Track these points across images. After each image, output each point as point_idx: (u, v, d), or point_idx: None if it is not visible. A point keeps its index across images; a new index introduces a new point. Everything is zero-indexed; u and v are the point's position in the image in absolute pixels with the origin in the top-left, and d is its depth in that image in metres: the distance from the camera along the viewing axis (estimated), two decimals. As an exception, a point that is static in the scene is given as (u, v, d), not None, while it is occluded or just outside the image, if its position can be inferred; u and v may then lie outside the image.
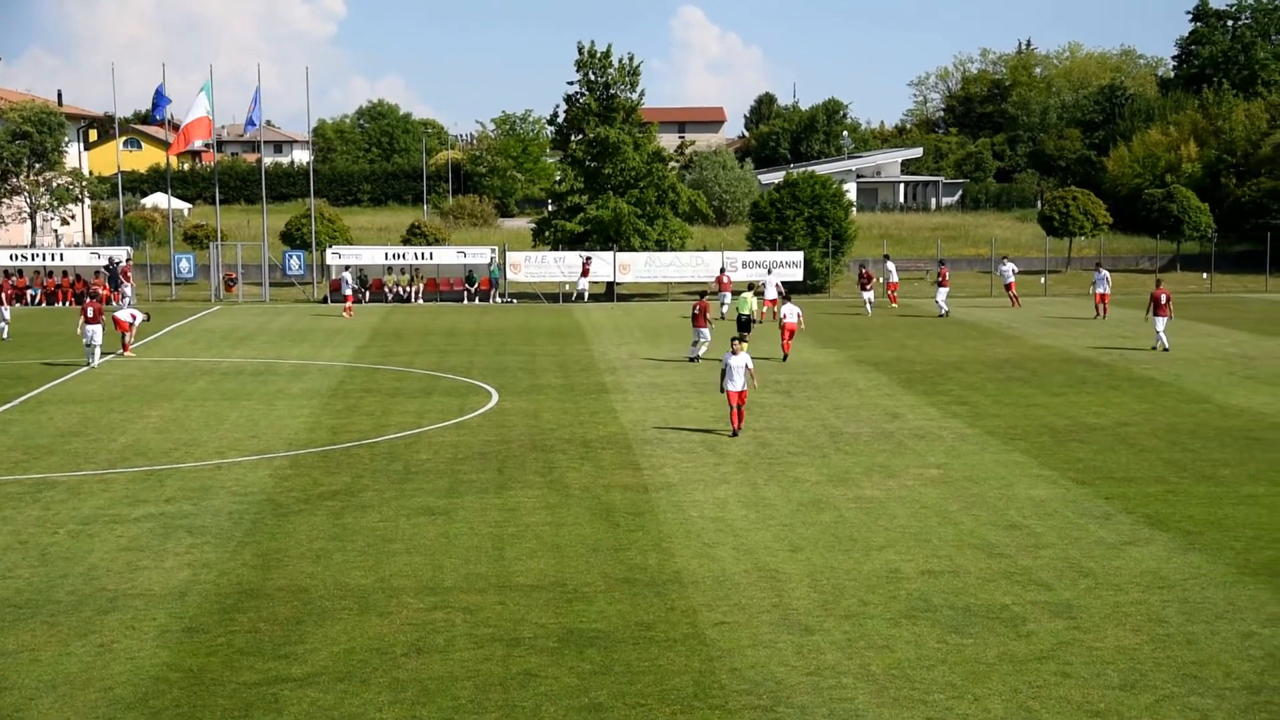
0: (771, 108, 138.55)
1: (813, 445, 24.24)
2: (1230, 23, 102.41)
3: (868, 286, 51.06)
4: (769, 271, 55.88)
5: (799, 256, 60.16)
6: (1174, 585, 15.40)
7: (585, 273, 59.05)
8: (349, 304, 51.89)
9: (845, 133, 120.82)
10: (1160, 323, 38.04)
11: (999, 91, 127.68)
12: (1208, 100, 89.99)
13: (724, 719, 11.63)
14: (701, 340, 36.41)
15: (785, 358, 36.65)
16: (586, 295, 58.84)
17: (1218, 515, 18.70)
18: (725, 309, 48.75)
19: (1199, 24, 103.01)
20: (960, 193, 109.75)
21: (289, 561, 16.64)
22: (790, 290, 47.99)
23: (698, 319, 36.58)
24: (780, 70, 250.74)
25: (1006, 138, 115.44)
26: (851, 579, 15.76)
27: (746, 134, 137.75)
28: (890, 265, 56.07)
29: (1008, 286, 53.17)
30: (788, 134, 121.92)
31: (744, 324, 39.88)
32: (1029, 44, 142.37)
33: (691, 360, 36.05)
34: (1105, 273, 48.56)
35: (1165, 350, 37.35)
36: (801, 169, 69.21)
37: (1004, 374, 33.62)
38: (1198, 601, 14.78)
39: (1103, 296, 48.05)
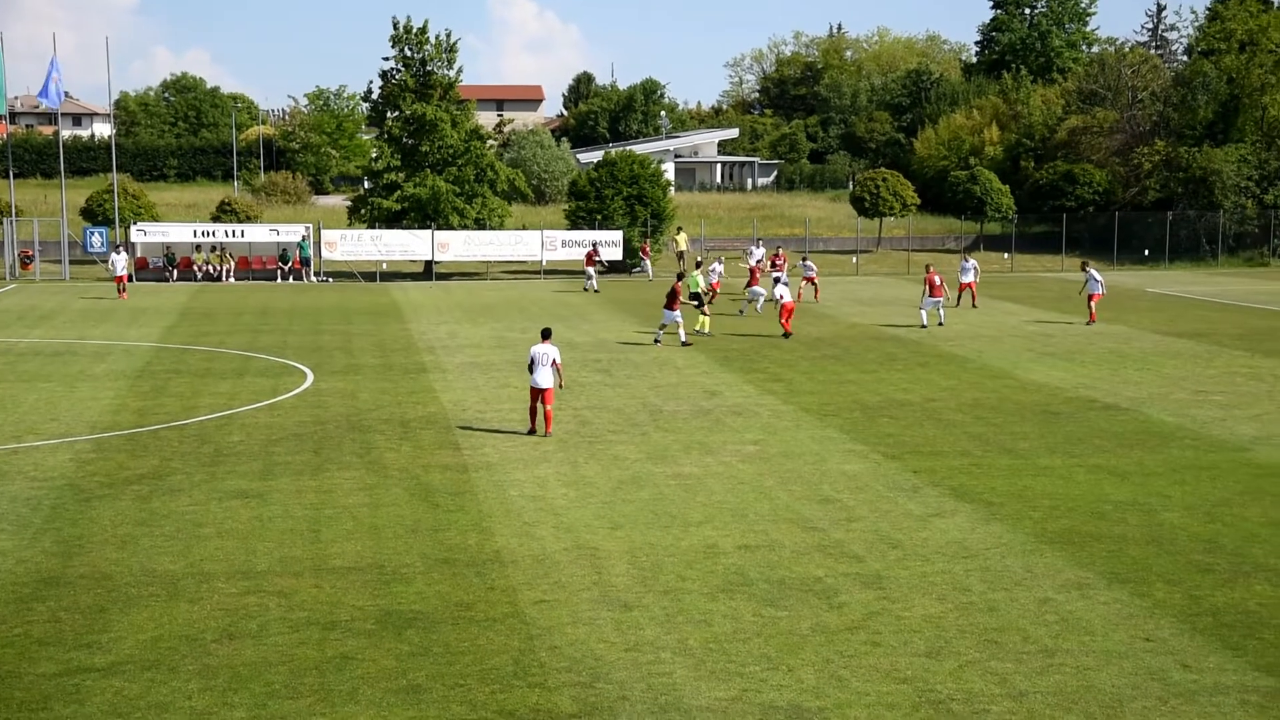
0: (590, 87, 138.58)
1: (632, 423, 24.40)
2: (1028, 10, 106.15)
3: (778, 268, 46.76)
4: (776, 252, 51.44)
5: (618, 235, 60.40)
6: (977, 555, 15.97)
7: (590, 261, 54.84)
8: (120, 283, 49.13)
9: (663, 113, 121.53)
10: (931, 303, 39.06)
11: (812, 74, 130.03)
12: (1008, 86, 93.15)
13: (543, 697, 11.65)
14: (668, 321, 35.19)
15: (787, 335, 37.02)
16: (594, 283, 53.58)
17: (1018, 487, 19.45)
18: (759, 303, 44.01)
19: (999, 11, 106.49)
20: (775, 173, 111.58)
21: (92, 548, 16.06)
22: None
23: (671, 301, 35.17)
24: (598, 50, 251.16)
25: (819, 120, 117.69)
26: (670, 555, 15.93)
27: (565, 113, 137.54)
28: (756, 249, 53.72)
29: (966, 285, 46.70)
30: (606, 113, 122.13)
31: (696, 300, 39.71)
32: (840, 28, 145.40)
33: (655, 342, 35.42)
34: (973, 262, 47.14)
35: (940, 325, 38.88)
36: (620, 148, 69.47)
37: (818, 352, 34.35)
38: (999, 570, 15.35)
39: (968, 285, 46.17)
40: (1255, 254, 68.67)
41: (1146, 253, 67.51)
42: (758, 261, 50.80)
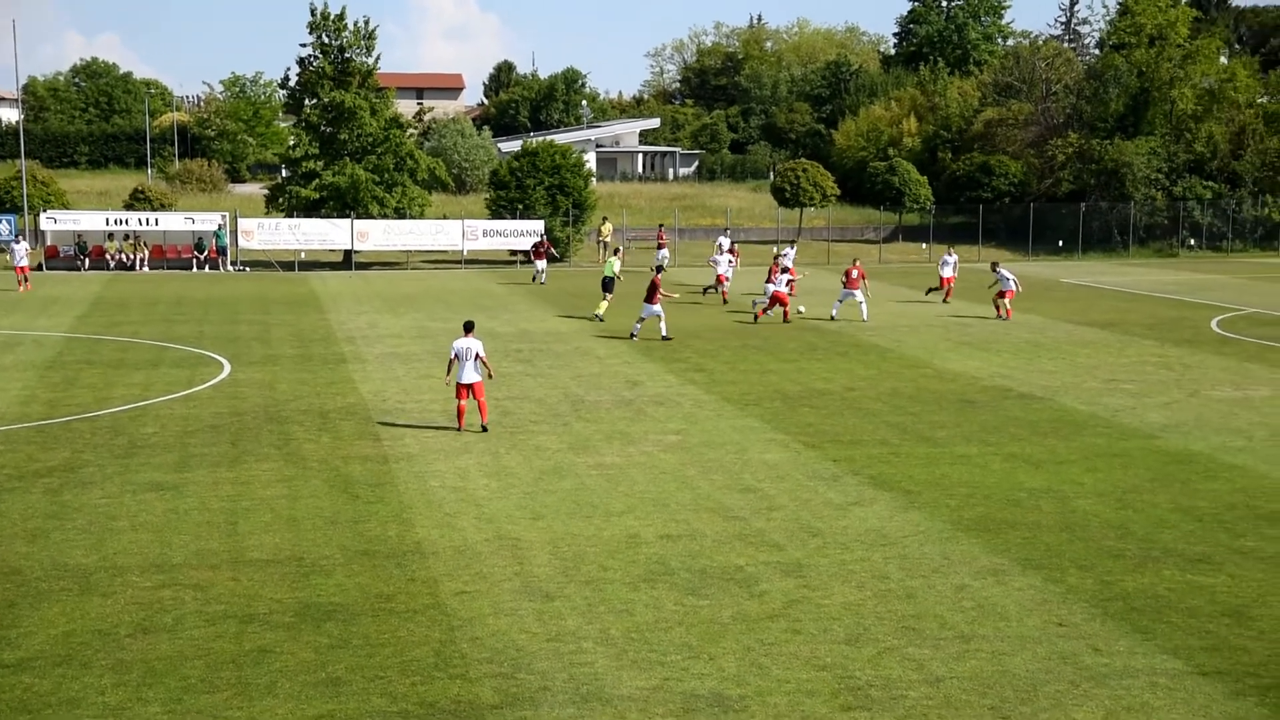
0: (510, 76, 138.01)
1: (554, 413, 24.36)
2: (945, 3, 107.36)
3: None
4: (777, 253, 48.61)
5: (540, 225, 60.23)
6: (895, 542, 16.15)
7: (539, 255, 52.89)
8: (22, 274, 47.02)
9: (584, 102, 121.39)
10: (849, 294, 39.02)
11: (732, 64, 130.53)
12: (925, 78, 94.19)
13: (464, 688, 11.61)
14: (647, 315, 34.73)
15: (786, 319, 38.20)
16: (543, 278, 52.08)
17: (935, 475, 19.69)
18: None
19: (917, 4, 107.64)
20: (697, 163, 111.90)
21: (0, 542, 15.74)
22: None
23: (650, 295, 34.58)
24: (519, 38, 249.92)
25: (740, 110, 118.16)
26: (592, 545, 15.94)
27: (486, 102, 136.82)
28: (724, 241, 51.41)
29: (944, 280, 45.59)
30: (527, 102, 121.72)
31: (607, 285, 40.13)
32: (760, 19, 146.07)
33: (631, 336, 34.86)
34: (954, 257, 46.20)
35: (864, 320, 38.51)
36: (541, 138, 69.27)
37: (739, 341, 34.51)
38: (916, 557, 15.54)
39: (948, 280, 45.18)
40: (1165, 245, 70.05)
41: (1060, 244, 68.58)
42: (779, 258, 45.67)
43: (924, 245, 68.71)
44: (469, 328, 22.75)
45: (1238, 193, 70.72)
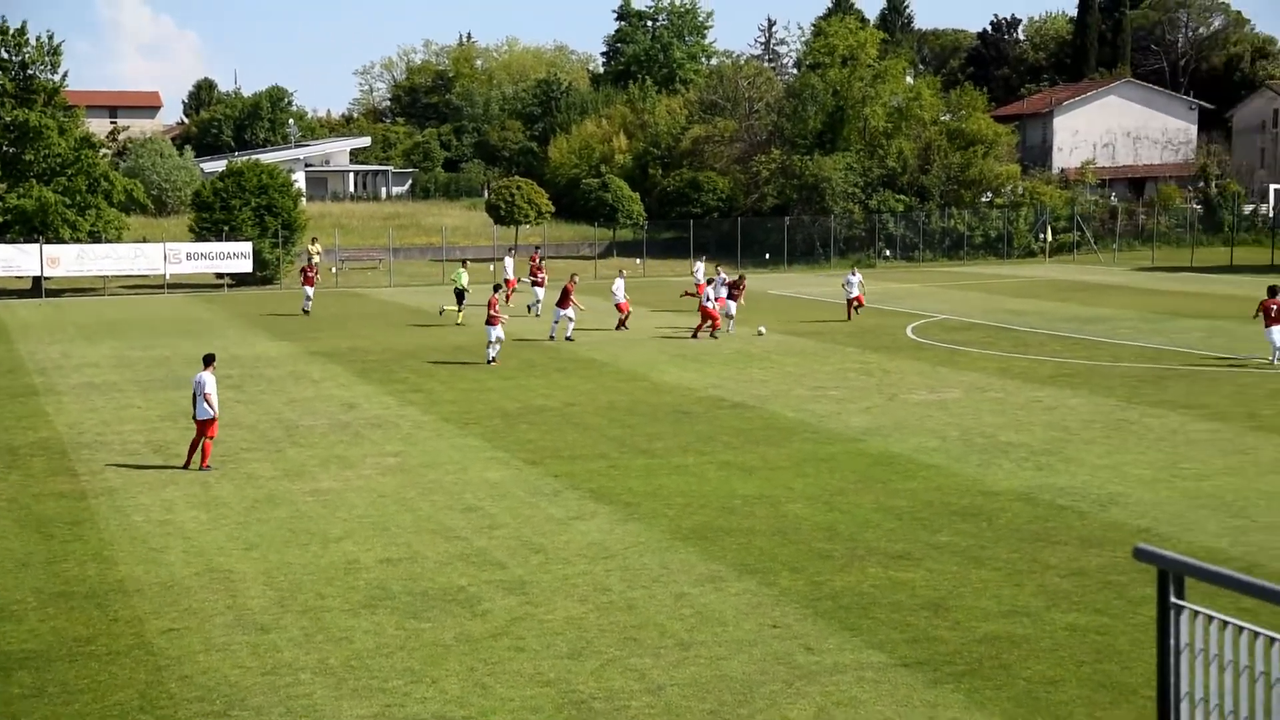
0: (212, 94, 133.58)
1: (267, 440, 23.64)
2: (650, 23, 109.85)
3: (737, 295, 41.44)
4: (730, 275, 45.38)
5: (247, 247, 58.44)
6: (616, 555, 16.33)
7: (538, 282, 48.16)
8: None
9: (291, 121, 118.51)
10: (560, 314, 38.80)
11: (443, 82, 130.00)
12: (634, 96, 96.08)
13: (175, 731, 11.09)
14: (560, 319, 36.41)
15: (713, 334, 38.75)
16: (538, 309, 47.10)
17: (654, 486, 20.02)
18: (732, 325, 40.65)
19: (623, 23, 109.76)
20: (410, 182, 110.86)
21: None
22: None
23: (563, 299, 36.49)
24: (220, 56, 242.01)
25: (453, 128, 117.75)
26: (309, 573, 15.51)
27: (186, 120, 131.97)
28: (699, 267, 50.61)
29: (857, 300, 44.19)
30: (231, 121, 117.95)
31: (459, 296, 40.91)
32: (469, 37, 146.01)
33: (550, 339, 36.27)
34: (858, 276, 45.11)
35: (569, 339, 38.15)
36: (247, 157, 67.28)
37: (458, 360, 34.30)
38: (637, 568, 15.75)
39: (856, 299, 44.23)
40: (863, 256, 73.39)
41: (767, 256, 70.99)
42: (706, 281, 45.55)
43: (638, 261, 69.94)
44: (208, 361, 21.49)
45: (927, 205, 74.79)
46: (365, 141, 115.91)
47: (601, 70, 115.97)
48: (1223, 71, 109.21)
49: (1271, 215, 79.69)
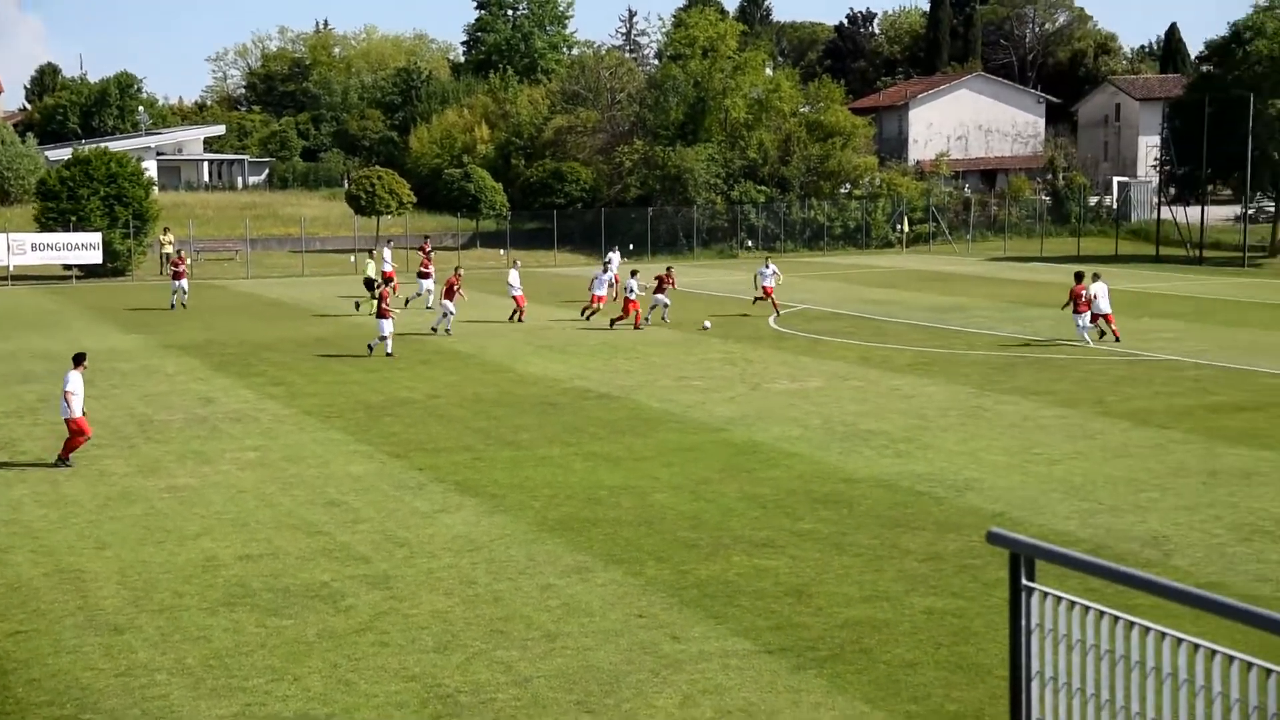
0: (56, 79, 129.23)
1: (120, 436, 23.02)
2: (511, 12, 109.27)
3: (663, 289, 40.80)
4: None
5: (96, 238, 56.75)
6: (482, 547, 16.26)
7: (425, 274, 46.52)
8: None
9: (141, 108, 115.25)
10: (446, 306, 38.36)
11: (300, 70, 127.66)
12: (495, 85, 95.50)
13: (26, 738, 10.76)
14: (449, 312, 37.22)
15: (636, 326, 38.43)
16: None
17: (520, 477, 19.97)
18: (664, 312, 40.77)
19: (483, 12, 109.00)
20: (267, 171, 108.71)
21: None
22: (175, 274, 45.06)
23: (448, 292, 37.32)
24: (64, 40, 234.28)
25: (311, 117, 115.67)
26: (165, 571, 15.15)
27: (29, 106, 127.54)
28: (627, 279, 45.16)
29: (766, 290, 42.88)
30: (77, 108, 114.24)
31: (368, 285, 41.05)
32: (326, 24, 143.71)
33: (433, 330, 37.08)
34: (773, 267, 43.59)
35: (448, 333, 37.72)
36: (95, 145, 65.29)
37: (320, 352, 33.78)
38: (503, 560, 15.70)
39: (768, 290, 42.69)
40: (726, 247, 74.04)
41: (631, 247, 71.17)
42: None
43: (501, 251, 69.59)
44: (78, 360, 21.06)
45: (787, 196, 75.72)
46: (220, 130, 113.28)
47: (462, 59, 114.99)
48: (1068, 67, 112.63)
49: (1115, 207, 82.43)
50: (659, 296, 40.43)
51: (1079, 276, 34.49)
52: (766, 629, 13.29)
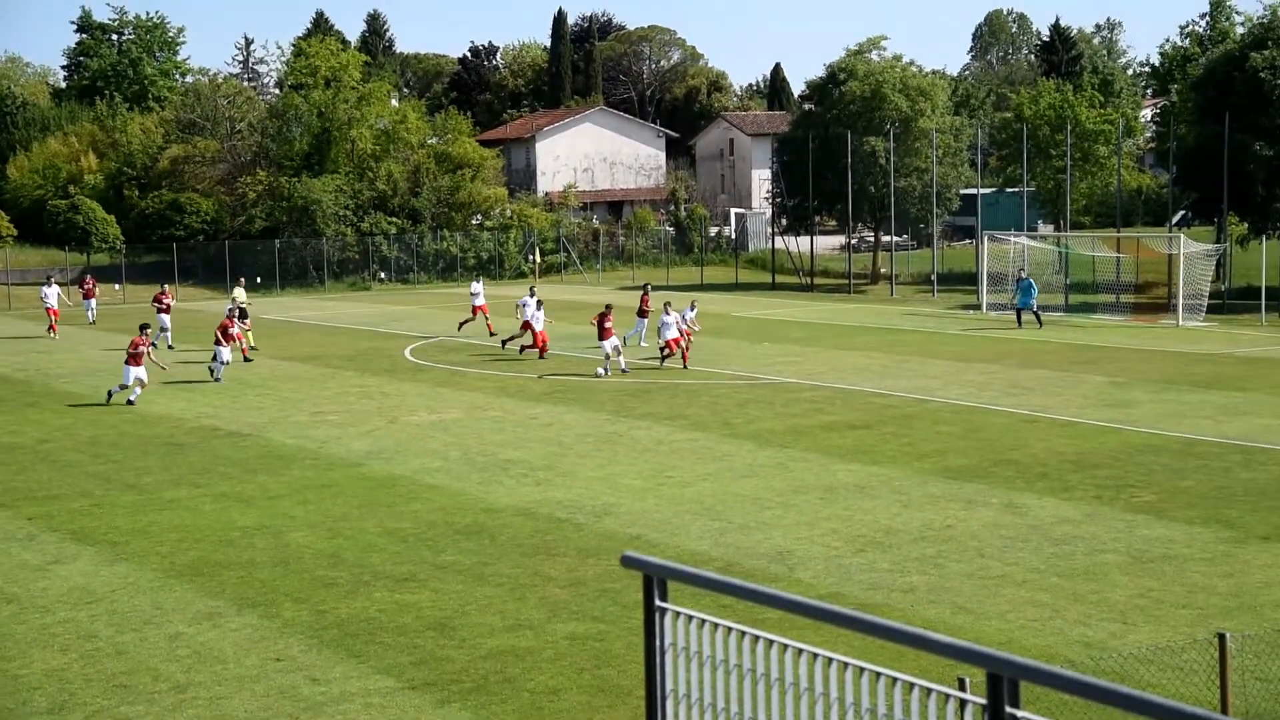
0: None
1: None
2: (116, 36, 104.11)
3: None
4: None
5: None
6: (103, 598, 15.31)
7: (88, 294, 52.24)
8: None
9: None
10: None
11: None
12: (103, 113, 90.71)
13: None
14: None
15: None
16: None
17: (143, 523, 18.94)
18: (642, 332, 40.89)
19: (85, 35, 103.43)
20: None
21: None
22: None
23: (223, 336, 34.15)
24: None
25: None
26: None
27: None
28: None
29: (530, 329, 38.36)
30: None
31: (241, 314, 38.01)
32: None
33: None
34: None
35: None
36: None
37: (-93, 398, 30.99)
38: (127, 611, 14.83)
39: (528, 325, 38.50)
40: (358, 279, 72.92)
41: (259, 280, 69.00)
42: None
43: (116, 286, 65.97)
44: None
45: (419, 228, 75.38)
46: None
47: (64, 85, 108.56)
48: (684, 102, 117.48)
49: (734, 237, 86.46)
50: (642, 322, 40.84)
51: (646, 288, 40.39)
52: (410, 665, 13.10)
